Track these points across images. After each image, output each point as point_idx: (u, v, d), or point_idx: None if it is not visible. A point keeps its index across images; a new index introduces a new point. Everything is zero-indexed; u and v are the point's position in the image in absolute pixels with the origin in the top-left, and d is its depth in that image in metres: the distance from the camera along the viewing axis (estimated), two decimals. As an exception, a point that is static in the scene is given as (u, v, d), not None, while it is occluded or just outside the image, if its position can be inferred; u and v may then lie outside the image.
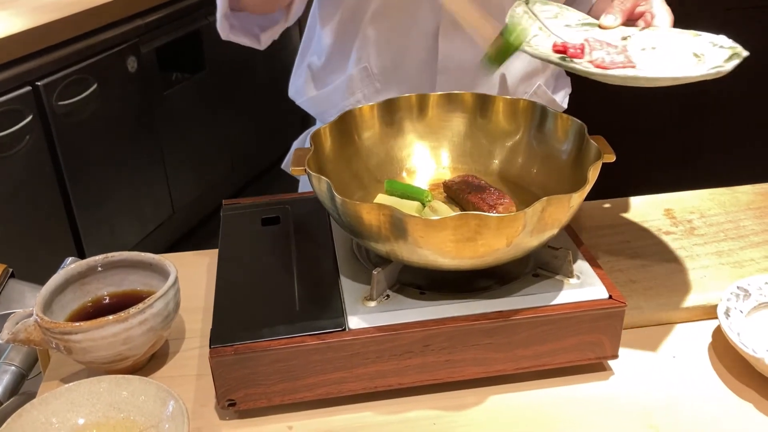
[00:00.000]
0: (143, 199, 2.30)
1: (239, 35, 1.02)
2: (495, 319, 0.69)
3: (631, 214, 0.98)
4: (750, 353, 0.71)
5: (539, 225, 0.67)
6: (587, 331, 0.72)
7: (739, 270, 0.86)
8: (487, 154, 0.88)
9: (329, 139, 0.82)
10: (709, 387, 0.73)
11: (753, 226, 0.95)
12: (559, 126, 0.82)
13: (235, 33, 1.02)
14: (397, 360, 0.69)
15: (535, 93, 1.11)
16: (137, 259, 0.79)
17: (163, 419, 0.66)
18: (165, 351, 0.79)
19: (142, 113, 2.22)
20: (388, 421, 0.70)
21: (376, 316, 0.69)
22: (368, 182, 0.86)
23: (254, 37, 1.04)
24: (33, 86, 1.83)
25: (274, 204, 0.88)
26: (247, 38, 1.03)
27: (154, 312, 0.71)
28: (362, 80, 1.07)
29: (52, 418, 0.66)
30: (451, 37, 1.01)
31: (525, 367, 0.72)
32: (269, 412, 0.71)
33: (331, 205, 0.70)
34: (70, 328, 0.69)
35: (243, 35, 1.03)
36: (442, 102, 0.88)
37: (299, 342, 0.67)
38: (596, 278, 0.74)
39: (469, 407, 0.71)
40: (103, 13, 2.03)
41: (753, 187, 1.04)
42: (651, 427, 0.69)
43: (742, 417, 0.70)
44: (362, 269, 0.75)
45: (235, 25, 1.01)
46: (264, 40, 1.05)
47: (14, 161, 1.80)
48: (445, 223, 0.64)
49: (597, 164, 0.71)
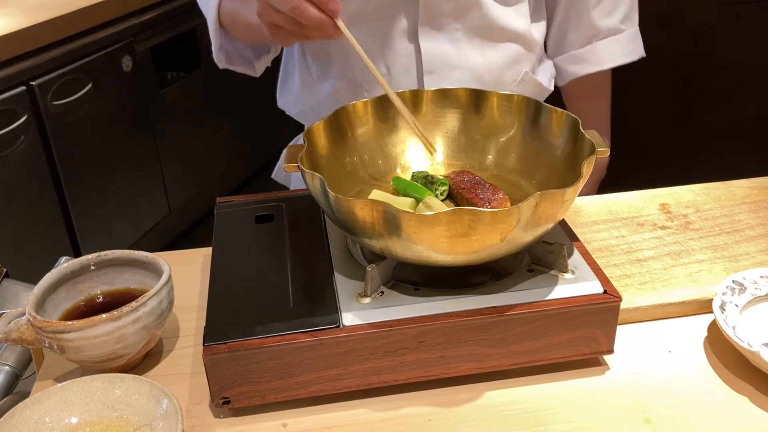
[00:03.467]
0: (139, 199, 2.30)
1: (236, 64, 1.06)
2: (489, 315, 0.69)
3: (626, 209, 0.98)
4: (745, 347, 0.70)
5: (533, 220, 0.66)
6: (582, 326, 0.71)
7: (735, 264, 0.86)
8: (481, 149, 0.88)
9: (323, 136, 0.82)
10: (705, 381, 0.73)
11: (748, 220, 0.95)
12: (553, 121, 0.82)
13: (231, 62, 1.05)
14: (391, 356, 0.69)
15: (522, 80, 1.10)
16: (130, 257, 0.78)
17: (156, 417, 0.66)
18: (159, 349, 0.79)
19: (138, 113, 2.22)
20: (382, 417, 0.70)
21: (371, 312, 0.69)
22: (362, 179, 0.85)
23: (249, 65, 1.08)
24: (27, 86, 1.83)
25: (268, 201, 0.88)
26: (243, 67, 1.07)
27: (147, 310, 0.71)
28: (349, 90, 1.07)
29: (45, 417, 0.66)
30: (432, 36, 1.00)
31: (520, 363, 0.72)
32: (264, 409, 0.70)
33: (325, 201, 0.70)
34: (63, 327, 0.68)
35: (239, 64, 1.07)
36: (436, 98, 0.88)
37: (293, 339, 0.67)
38: (591, 273, 0.74)
39: (464, 403, 0.71)
40: (97, 13, 2.02)
41: (748, 181, 1.04)
42: (647, 421, 0.69)
43: (737, 411, 0.70)
44: (356, 266, 0.75)
45: (232, 54, 1.04)
46: (258, 68, 1.09)
47: (9, 161, 1.80)
48: (439, 219, 0.64)
49: (591, 159, 0.71)
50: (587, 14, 1.11)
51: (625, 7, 1.13)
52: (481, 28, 1.02)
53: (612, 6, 1.12)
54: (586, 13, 1.11)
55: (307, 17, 0.76)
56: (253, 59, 1.08)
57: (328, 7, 0.76)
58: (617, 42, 1.13)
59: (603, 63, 1.14)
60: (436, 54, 1.01)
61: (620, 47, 1.14)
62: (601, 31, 1.13)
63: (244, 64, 1.07)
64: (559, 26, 1.15)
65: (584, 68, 1.15)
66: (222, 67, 1.05)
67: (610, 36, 1.13)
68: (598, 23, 1.12)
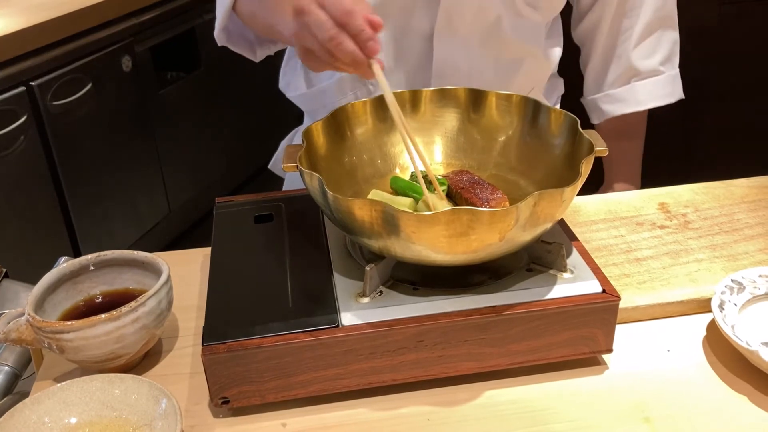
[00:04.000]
0: (139, 199, 2.30)
1: (237, 44, 1.02)
2: (489, 314, 0.69)
3: (625, 208, 0.98)
4: (744, 346, 0.70)
5: (532, 219, 0.66)
6: (581, 325, 0.71)
7: (734, 263, 0.86)
8: (480, 149, 0.88)
9: (321, 136, 0.82)
10: (704, 380, 0.73)
11: (747, 220, 0.95)
12: (552, 120, 0.82)
13: (232, 42, 1.01)
14: (390, 356, 0.69)
15: None
16: (130, 257, 0.78)
17: (156, 417, 0.66)
18: (158, 349, 0.79)
19: (138, 113, 2.22)
20: (382, 417, 0.70)
21: (370, 312, 0.69)
22: (361, 178, 0.85)
23: (251, 49, 1.04)
24: (27, 86, 1.83)
25: (267, 201, 0.88)
26: (243, 49, 1.03)
27: (146, 310, 0.71)
28: (354, 81, 1.06)
29: (44, 417, 0.66)
30: (447, 41, 1.00)
31: (519, 362, 0.72)
32: (263, 409, 0.71)
33: (323, 201, 0.70)
34: (62, 327, 0.68)
35: (240, 45, 1.02)
36: (435, 97, 0.88)
37: (292, 339, 0.67)
38: (590, 272, 0.74)
39: (463, 403, 0.71)
40: (97, 13, 2.02)
41: (747, 180, 1.04)
42: (646, 420, 0.69)
43: (736, 409, 0.70)
44: (355, 265, 0.75)
45: (233, 33, 1.01)
46: (260, 54, 1.05)
47: (9, 162, 1.80)
48: (438, 219, 0.64)
49: (590, 158, 0.71)
50: (626, 55, 1.10)
51: (666, 49, 1.12)
52: (497, 40, 1.02)
53: (653, 47, 1.11)
54: (625, 54, 1.10)
55: (342, 51, 0.70)
56: (255, 44, 1.04)
57: (366, 44, 0.70)
58: (656, 83, 1.12)
59: (641, 104, 1.13)
60: (448, 60, 1.01)
61: (659, 89, 1.13)
62: (641, 72, 1.12)
63: (244, 46, 1.03)
64: (597, 65, 1.14)
65: (621, 108, 1.14)
66: (221, 44, 1.00)
67: (649, 78, 1.12)
68: (637, 64, 1.11)
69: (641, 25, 1.09)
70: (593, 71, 1.16)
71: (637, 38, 1.10)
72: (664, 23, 1.10)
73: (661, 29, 1.11)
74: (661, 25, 1.10)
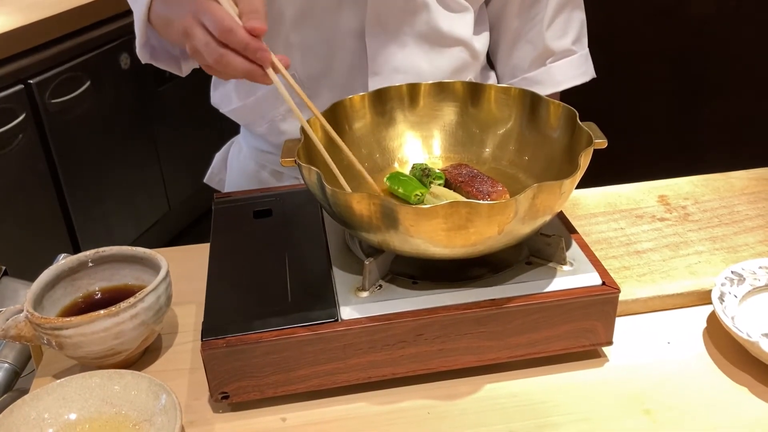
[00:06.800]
0: (139, 197, 2.29)
1: (161, 61, 0.99)
2: (488, 308, 0.69)
3: (625, 201, 0.98)
4: (744, 338, 0.70)
5: (531, 212, 0.66)
6: (581, 317, 0.71)
7: (733, 255, 0.86)
8: (479, 142, 0.88)
9: (319, 130, 0.82)
10: (704, 372, 0.73)
11: (747, 211, 0.94)
12: (551, 113, 0.82)
13: (156, 58, 0.98)
14: (390, 350, 0.69)
15: None
16: (128, 253, 0.78)
17: (155, 413, 0.66)
18: (158, 345, 0.79)
19: (136, 110, 2.22)
20: (381, 411, 0.70)
21: (369, 306, 0.69)
22: (359, 173, 0.85)
23: (176, 64, 1.00)
24: (25, 84, 1.82)
25: (266, 197, 0.88)
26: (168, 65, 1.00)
27: (145, 306, 0.71)
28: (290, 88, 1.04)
29: (44, 413, 0.66)
30: (379, 37, 0.98)
31: (519, 355, 0.72)
32: (262, 404, 0.70)
33: (322, 195, 0.70)
34: (61, 324, 0.68)
35: (165, 61, 0.99)
36: (434, 91, 0.88)
37: (291, 333, 0.67)
38: (589, 265, 0.74)
39: (463, 396, 0.71)
40: (95, 10, 2.02)
41: (747, 172, 1.04)
42: (646, 412, 0.68)
43: (737, 401, 0.69)
44: (354, 260, 0.75)
45: (158, 49, 0.97)
46: (185, 69, 1.01)
47: (8, 160, 1.80)
48: (436, 212, 0.63)
49: (588, 150, 0.71)
50: (540, 37, 1.10)
51: (575, 29, 1.12)
52: (428, 33, 1.01)
53: (563, 28, 1.11)
54: (539, 36, 1.10)
55: (233, 68, 0.71)
56: (180, 58, 1.01)
57: (256, 56, 0.70)
58: (570, 63, 1.12)
59: (559, 84, 1.13)
60: (383, 56, 0.99)
61: (574, 69, 1.13)
62: (555, 53, 1.12)
63: (169, 62, 1.00)
64: (509, 48, 1.13)
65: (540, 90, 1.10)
66: (145, 62, 0.98)
67: (563, 58, 1.12)
68: (551, 45, 1.10)
69: (552, 6, 1.09)
70: (505, 55, 1.15)
71: (548, 20, 1.10)
72: (572, 2, 1.10)
73: (569, 9, 1.10)
74: (569, 4, 1.10)
